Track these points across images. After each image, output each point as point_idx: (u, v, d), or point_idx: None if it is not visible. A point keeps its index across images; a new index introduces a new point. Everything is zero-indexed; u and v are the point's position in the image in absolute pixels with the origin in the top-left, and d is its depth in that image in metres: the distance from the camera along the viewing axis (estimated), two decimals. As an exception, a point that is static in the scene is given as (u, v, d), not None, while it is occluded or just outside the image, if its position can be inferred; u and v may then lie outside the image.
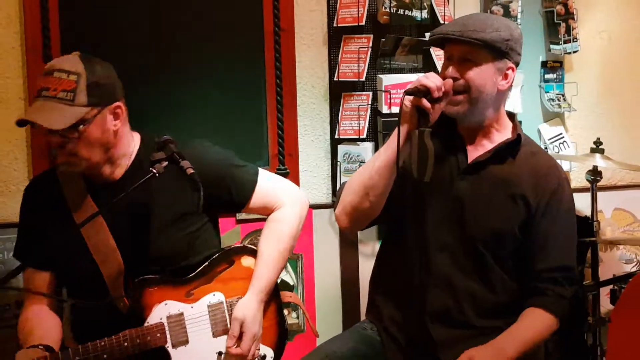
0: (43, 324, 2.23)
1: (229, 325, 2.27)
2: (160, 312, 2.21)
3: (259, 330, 2.27)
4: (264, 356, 2.33)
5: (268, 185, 2.38)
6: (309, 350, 2.55)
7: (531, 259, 2.22)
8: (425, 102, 1.97)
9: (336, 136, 3.25)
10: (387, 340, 2.29)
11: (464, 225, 2.19)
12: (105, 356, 2.10)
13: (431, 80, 1.99)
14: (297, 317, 3.21)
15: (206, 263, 2.31)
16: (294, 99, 3.22)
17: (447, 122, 2.20)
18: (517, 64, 2.18)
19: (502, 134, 2.24)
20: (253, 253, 2.37)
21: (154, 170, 2.06)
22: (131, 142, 2.27)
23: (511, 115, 2.29)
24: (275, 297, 2.39)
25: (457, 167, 2.21)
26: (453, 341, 2.20)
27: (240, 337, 2.24)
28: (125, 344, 2.13)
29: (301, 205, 2.41)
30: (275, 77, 3.17)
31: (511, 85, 2.20)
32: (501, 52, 2.11)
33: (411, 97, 1.99)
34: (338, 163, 3.25)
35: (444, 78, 2.10)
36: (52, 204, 2.23)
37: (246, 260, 2.36)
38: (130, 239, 2.22)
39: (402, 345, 2.26)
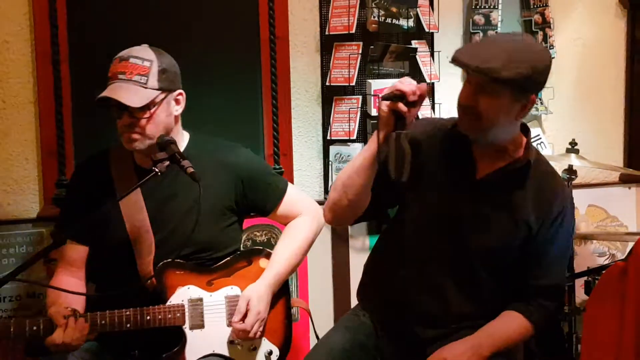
0: (69, 294, 2.33)
1: (227, 321, 2.40)
2: (183, 294, 2.35)
3: (263, 311, 2.39)
4: (270, 352, 2.45)
5: (294, 197, 2.57)
6: (302, 338, 2.65)
7: (525, 273, 2.23)
8: (402, 106, 1.96)
9: (328, 137, 3.36)
10: (379, 331, 2.35)
11: (462, 241, 2.19)
12: (128, 325, 2.25)
13: (406, 85, 1.98)
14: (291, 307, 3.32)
15: (228, 258, 2.46)
16: (288, 102, 3.33)
17: (461, 136, 2.17)
18: (538, 94, 2.13)
19: (514, 152, 2.19)
20: (270, 257, 2.52)
21: (156, 170, 2.18)
22: (183, 136, 2.46)
23: (525, 130, 2.21)
24: (285, 301, 2.52)
25: (464, 182, 2.19)
26: (439, 338, 2.24)
27: (246, 315, 2.36)
28: (148, 317, 2.27)
29: (318, 220, 2.58)
30: (271, 81, 3.27)
31: (529, 110, 2.12)
32: (523, 89, 2.01)
33: (388, 102, 1.99)
34: (330, 163, 3.36)
35: (460, 100, 2.09)
36: (100, 181, 2.39)
37: (264, 262, 2.50)
38: (165, 224, 2.37)
39: (393, 339, 2.32)
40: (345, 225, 2.32)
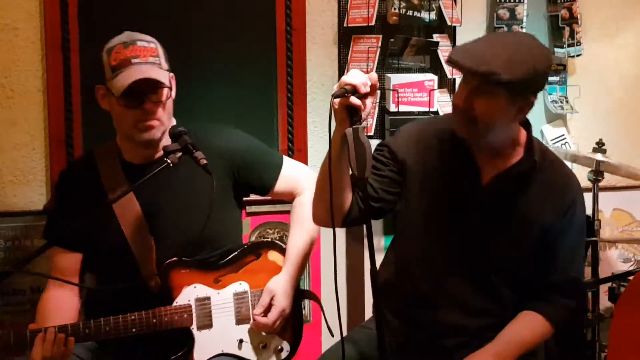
0: (63, 307, 2.28)
1: (251, 315, 2.35)
2: (189, 294, 2.28)
3: (287, 306, 2.34)
4: (281, 349, 2.39)
5: (291, 170, 2.48)
6: (314, 340, 2.58)
7: (541, 270, 2.19)
8: (354, 99, 1.87)
9: (345, 133, 3.31)
10: (395, 345, 2.27)
11: (480, 253, 2.16)
12: (134, 330, 2.18)
13: (355, 77, 1.88)
14: (304, 307, 3.26)
15: (235, 253, 2.39)
16: (304, 96, 3.27)
17: (459, 141, 2.13)
18: (536, 96, 2.04)
19: (516, 150, 2.15)
20: (280, 249, 2.46)
21: (168, 161, 2.11)
22: (173, 123, 2.35)
23: (526, 125, 2.17)
24: (296, 295, 2.44)
25: (470, 190, 2.14)
26: (463, 346, 2.20)
27: (268, 309, 2.31)
28: (154, 320, 2.21)
29: None
30: (287, 74, 3.21)
31: (527, 113, 2.08)
32: (519, 91, 1.96)
33: (338, 100, 1.89)
34: (346, 159, 3.30)
35: (455, 102, 2.04)
36: (88, 184, 2.31)
37: (272, 255, 2.44)
38: (161, 220, 2.30)
39: (411, 352, 2.27)
40: (328, 227, 2.27)
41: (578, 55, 3.53)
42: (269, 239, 2.50)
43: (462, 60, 1.96)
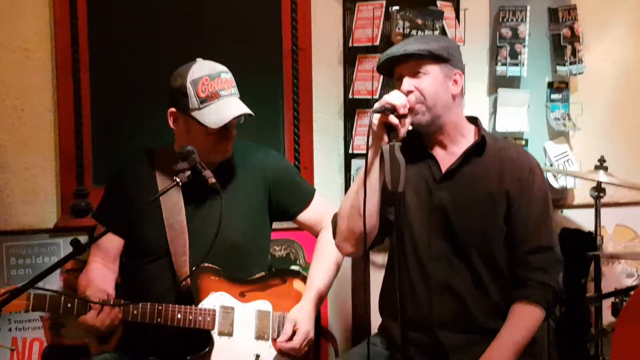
0: (103, 279, 2.41)
1: (270, 335, 2.41)
2: (216, 299, 2.36)
3: (311, 329, 2.40)
4: None
5: (320, 204, 2.60)
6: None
7: (510, 247, 2.26)
8: (393, 118, 2.04)
9: (350, 151, 3.32)
10: (397, 357, 2.32)
11: (452, 231, 2.25)
12: (159, 319, 2.27)
13: (396, 98, 2.08)
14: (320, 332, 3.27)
15: (264, 274, 2.48)
16: (310, 114, 3.30)
17: (414, 137, 2.28)
18: (462, 71, 2.29)
19: (467, 138, 2.31)
20: (304, 280, 2.53)
21: (178, 180, 2.16)
22: None
23: (474, 120, 2.37)
24: (316, 328, 2.49)
25: (433, 178, 2.28)
26: (463, 345, 2.24)
27: (292, 336, 2.37)
28: (179, 315, 2.29)
29: None
30: (293, 93, 3.26)
31: (463, 91, 2.30)
32: (443, 58, 2.21)
33: (379, 115, 2.06)
34: (351, 177, 3.31)
35: (405, 91, 2.20)
36: (144, 178, 2.44)
37: (297, 284, 2.52)
38: (200, 224, 2.39)
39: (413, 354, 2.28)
40: (361, 254, 2.34)
41: (580, 74, 3.56)
42: (297, 270, 2.64)
43: (393, 51, 2.23)
